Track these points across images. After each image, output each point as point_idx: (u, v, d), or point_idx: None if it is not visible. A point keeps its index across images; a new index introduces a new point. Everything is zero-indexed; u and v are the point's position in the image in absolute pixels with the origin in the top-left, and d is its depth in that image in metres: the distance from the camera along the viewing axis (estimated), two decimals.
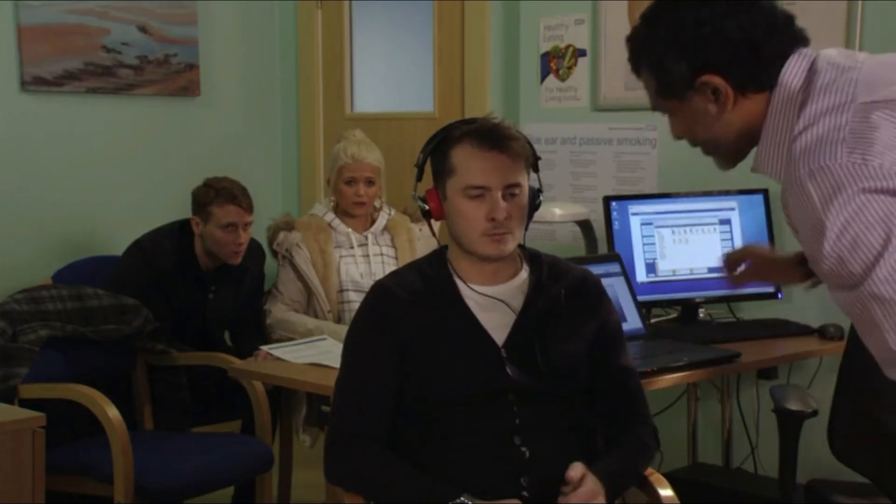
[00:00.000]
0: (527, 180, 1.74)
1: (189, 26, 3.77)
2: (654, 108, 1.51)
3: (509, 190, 1.69)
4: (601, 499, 1.62)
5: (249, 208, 2.89)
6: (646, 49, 1.46)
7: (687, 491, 1.95)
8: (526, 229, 1.77)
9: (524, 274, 1.79)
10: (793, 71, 1.37)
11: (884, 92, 1.30)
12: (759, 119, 1.40)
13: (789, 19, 1.41)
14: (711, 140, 1.47)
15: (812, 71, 1.36)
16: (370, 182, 2.94)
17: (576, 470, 1.62)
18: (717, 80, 1.39)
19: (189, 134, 3.84)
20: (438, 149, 1.74)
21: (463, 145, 1.70)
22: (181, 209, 3.00)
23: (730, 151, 1.48)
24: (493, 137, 1.69)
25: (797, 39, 1.41)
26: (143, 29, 3.64)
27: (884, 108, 1.27)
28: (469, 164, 1.69)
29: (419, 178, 1.82)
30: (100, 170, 3.60)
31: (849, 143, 1.25)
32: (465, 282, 1.75)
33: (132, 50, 3.62)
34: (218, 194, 2.85)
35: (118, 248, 3.06)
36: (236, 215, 2.86)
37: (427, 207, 1.77)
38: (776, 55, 1.38)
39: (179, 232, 2.96)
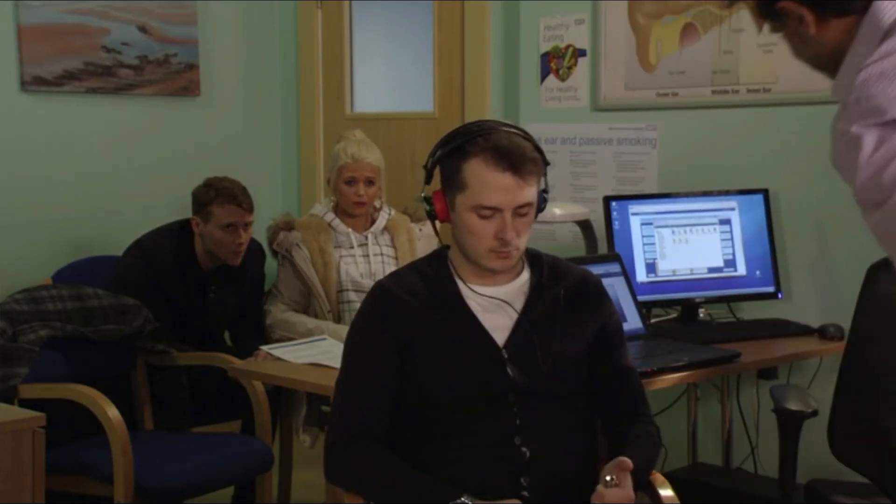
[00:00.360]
0: (536, 193, 1.72)
1: (189, 26, 3.77)
2: (771, 29, 1.58)
3: (520, 210, 1.68)
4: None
5: (250, 208, 2.89)
6: None
7: (687, 491, 1.95)
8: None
9: (525, 275, 1.79)
10: (887, 4, 1.39)
11: None
12: (848, 41, 1.44)
13: None
14: (812, 58, 1.55)
15: None
16: (370, 182, 2.94)
17: (626, 464, 1.58)
18: (792, 6, 1.45)
19: (189, 134, 3.83)
20: (451, 157, 1.71)
21: (477, 161, 1.66)
22: (181, 209, 3.00)
23: (830, 69, 1.53)
24: (510, 160, 1.65)
25: None
26: (143, 29, 3.64)
27: None
28: (482, 183, 1.66)
29: (428, 180, 1.78)
30: (100, 170, 3.60)
31: None
32: (466, 283, 1.75)
33: (132, 50, 3.62)
34: (218, 194, 2.85)
35: (118, 248, 3.06)
36: (237, 215, 2.86)
37: (432, 209, 1.75)
38: None
39: (179, 232, 2.95)
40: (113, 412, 2.44)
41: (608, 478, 1.58)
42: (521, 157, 1.66)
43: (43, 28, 3.40)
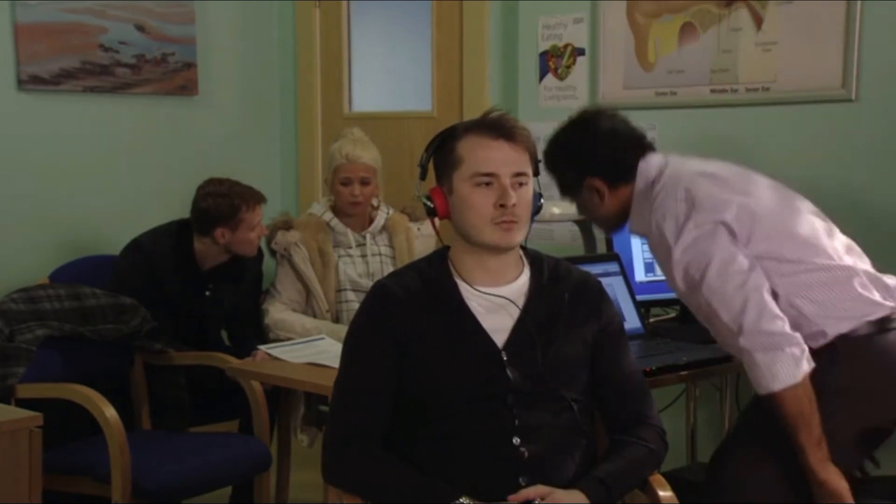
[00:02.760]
0: (531, 175, 1.74)
1: (187, 25, 3.76)
2: (563, 198, 2.18)
3: (517, 179, 1.70)
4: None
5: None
6: (549, 162, 2.10)
7: (686, 491, 1.94)
8: (528, 231, 1.77)
9: (525, 276, 1.79)
10: (647, 168, 2.03)
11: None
12: (628, 201, 2.05)
13: (639, 135, 2.09)
14: (602, 218, 2.14)
15: (658, 166, 2.03)
16: (365, 182, 2.94)
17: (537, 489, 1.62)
18: (595, 182, 2.05)
19: (187, 133, 3.83)
20: (443, 145, 1.74)
21: (469, 136, 1.71)
22: (179, 208, 2.99)
23: (612, 225, 2.14)
24: (500, 127, 1.71)
25: (646, 146, 2.09)
26: (140, 28, 3.64)
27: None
28: (477, 152, 1.70)
29: (423, 176, 1.81)
30: (97, 169, 3.60)
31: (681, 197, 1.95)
32: (466, 283, 1.75)
33: (130, 49, 3.61)
34: (245, 200, 2.84)
35: (116, 247, 3.05)
36: (261, 211, 2.88)
37: (432, 206, 1.76)
38: (633, 161, 2.04)
39: (178, 231, 2.95)
40: (110, 412, 2.43)
41: (535, 502, 1.61)
42: (512, 127, 1.71)
43: (40, 27, 3.39)
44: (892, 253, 2.65)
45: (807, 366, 1.83)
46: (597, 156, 2.05)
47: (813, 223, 2.00)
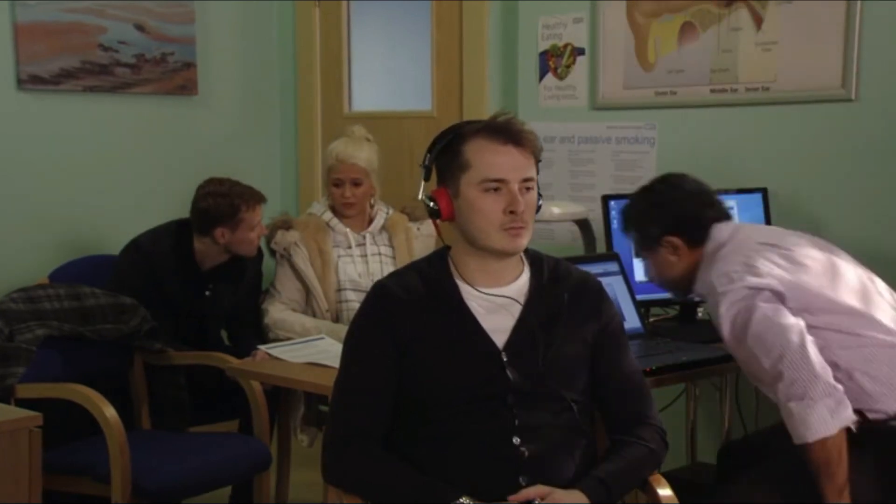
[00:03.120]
0: (536, 176, 1.74)
1: (187, 25, 3.76)
2: (635, 255, 2.36)
3: (525, 184, 1.70)
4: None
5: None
6: (634, 216, 2.26)
7: (686, 491, 1.94)
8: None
9: (526, 276, 1.78)
10: (720, 233, 2.15)
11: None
12: (697, 263, 2.15)
13: (719, 202, 2.23)
14: (670, 280, 2.23)
15: (730, 233, 2.14)
16: (356, 183, 2.93)
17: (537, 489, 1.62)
18: (674, 240, 2.17)
19: (187, 133, 3.83)
20: (449, 147, 1.73)
21: (477, 140, 1.70)
22: (179, 208, 2.99)
23: (681, 287, 2.24)
24: (509, 131, 1.69)
25: (723, 213, 2.22)
26: (140, 27, 3.63)
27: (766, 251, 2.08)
28: (485, 157, 1.69)
29: (426, 178, 1.79)
30: (97, 168, 3.59)
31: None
32: (466, 283, 1.74)
33: (129, 49, 3.61)
34: (245, 200, 2.84)
35: (115, 247, 3.05)
36: (261, 210, 2.88)
37: (436, 207, 1.74)
38: (710, 223, 2.17)
39: (177, 231, 2.94)
40: (110, 412, 2.43)
41: (535, 502, 1.61)
42: (519, 131, 1.70)
43: (40, 26, 3.39)
44: (892, 253, 2.65)
45: (843, 418, 1.85)
46: (682, 214, 2.17)
47: (865, 290, 2.06)
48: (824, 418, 1.84)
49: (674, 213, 2.18)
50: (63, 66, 3.46)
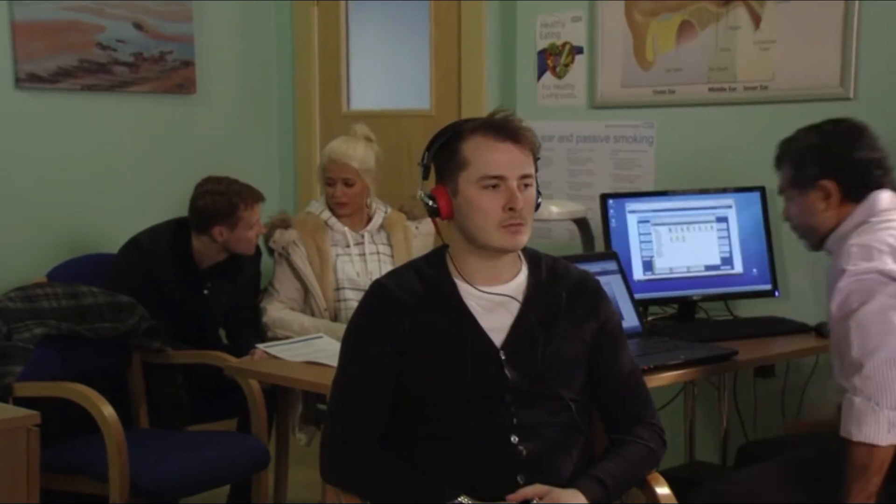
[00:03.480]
0: (535, 171, 1.74)
1: (185, 23, 3.75)
2: (780, 191, 2.16)
3: (523, 181, 1.70)
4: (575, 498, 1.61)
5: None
6: (796, 150, 2.10)
7: (684, 489, 1.94)
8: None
9: (524, 275, 1.78)
10: (878, 200, 2.00)
11: None
12: (842, 220, 2.02)
13: (888, 165, 2.05)
14: (810, 226, 2.09)
15: (889, 204, 2.00)
16: (348, 183, 2.93)
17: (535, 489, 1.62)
18: (830, 185, 2.03)
19: (185, 131, 3.83)
20: (447, 146, 1.73)
21: (475, 137, 1.70)
22: (178, 207, 2.99)
23: (816, 237, 2.09)
24: (506, 129, 1.69)
25: (891, 179, 2.05)
26: (138, 26, 3.63)
27: None
28: (483, 155, 1.69)
29: (425, 176, 1.79)
30: (95, 167, 3.59)
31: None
32: (465, 282, 1.74)
33: (127, 47, 3.61)
34: (243, 199, 2.84)
35: (114, 246, 3.05)
36: (260, 210, 2.87)
37: (435, 206, 1.74)
38: (875, 184, 2.02)
39: (175, 230, 2.94)
40: (108, 410, 2.43)
41: (533, 502, 1.61)
42: (517, 128, 1.70)
43: (38, 25, 3.38)
44: None
45: None
46: (851, 162, 2.03)
47: None
48: (881, 426, 1.81)
49: (842, 159, 2.03)
50: (61, 64, 3.46)
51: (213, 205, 2.83)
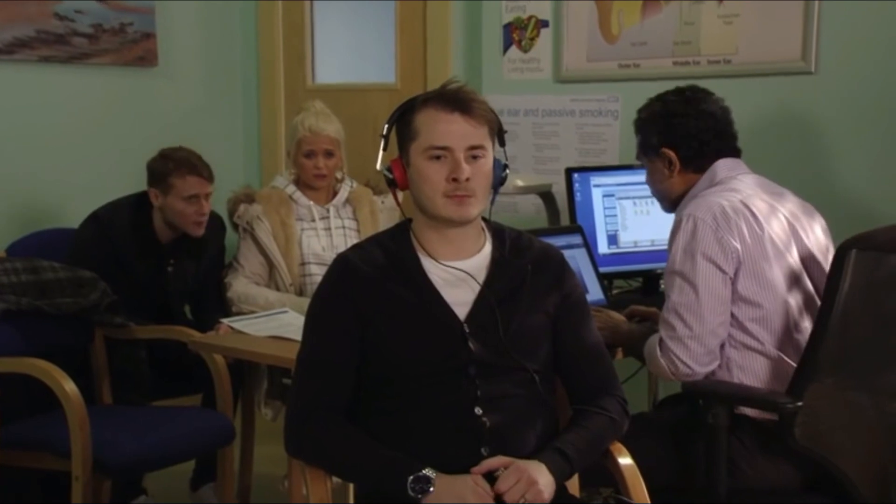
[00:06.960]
0: (491, 147, 1.73)
1: None
2: (637, 158, 2.26)
3: (471, 152, 1.69)
4: (536, 475, 1.61)
5: (210, 178, 2.86)
6: (642, 120, 2.21)
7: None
8: (492, 203, 1.77)
9: (487, 248, 1.78)
10: (719, 170, 2.13)
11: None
12: (689, 188, 2.15)
13: (732, 135, 2.18)
14: (659, 191, 2.23)
15: (728, 174, 2.12)
16: (329, 154, 2.92)
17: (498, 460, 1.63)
18: (671, 154, 2.15)
19: (146, 105, 3.77)
20: (402, 117, 1.74)
21: (426, 109, 1.71)
22: (139, 181, 2.95)
23: (667, 202, 2.23)
24: (455, 100, 1.70)
25: (732, 149, 2.17)
26: None
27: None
28: (431, 125, 1.69)
29: (385, 147, 1.80)
30: (54, 141, 3.53)
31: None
32: (428, 256, 1.74)
33: (86, 18, 3.54)
34: (177, 165, 2.80)
35: (74, 220, 3.01)
36: (198, 186, 2.82)
37: (392, 177, 1.75)
38: (714, 154, 2.13)
39: (137, 204, 2.91)
40: (70, 386, 2.41)
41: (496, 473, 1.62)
42: (469, 101, 1.70)
43: None
44: (851, 222, 2.69)
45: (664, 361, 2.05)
46: (687, 132, 2.12)
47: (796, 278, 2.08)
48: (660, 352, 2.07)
49: (679, 130, 2.13)
50: (17, 35, 3.38)
51: (152, 165, 2.84)
